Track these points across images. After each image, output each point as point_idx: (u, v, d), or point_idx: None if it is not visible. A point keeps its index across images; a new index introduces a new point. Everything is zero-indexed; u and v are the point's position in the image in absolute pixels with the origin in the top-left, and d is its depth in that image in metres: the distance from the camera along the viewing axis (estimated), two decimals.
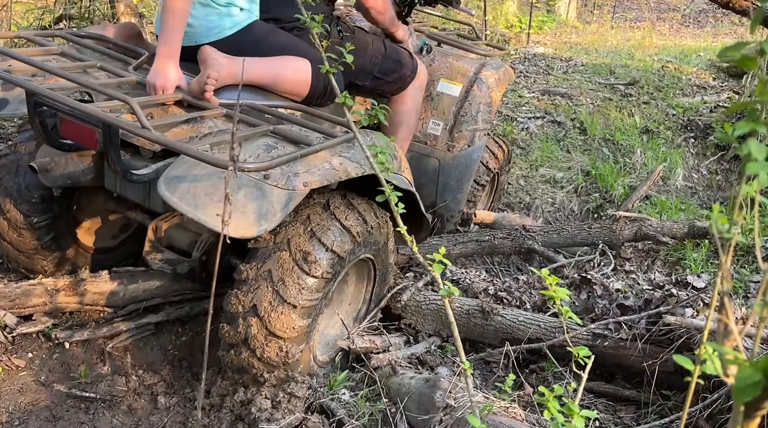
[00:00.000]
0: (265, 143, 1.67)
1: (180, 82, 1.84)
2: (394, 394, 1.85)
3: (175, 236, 1.99)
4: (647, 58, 6.90)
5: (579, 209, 3.93)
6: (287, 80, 1.97)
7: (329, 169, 1.68)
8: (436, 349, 2.22)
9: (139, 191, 1.96)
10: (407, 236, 1.00)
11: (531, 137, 4.66)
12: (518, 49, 7.25)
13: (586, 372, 0.92)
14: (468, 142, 2.61)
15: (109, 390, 1.99)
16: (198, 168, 1.57)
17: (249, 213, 1.53)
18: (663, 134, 4.91)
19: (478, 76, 2.66)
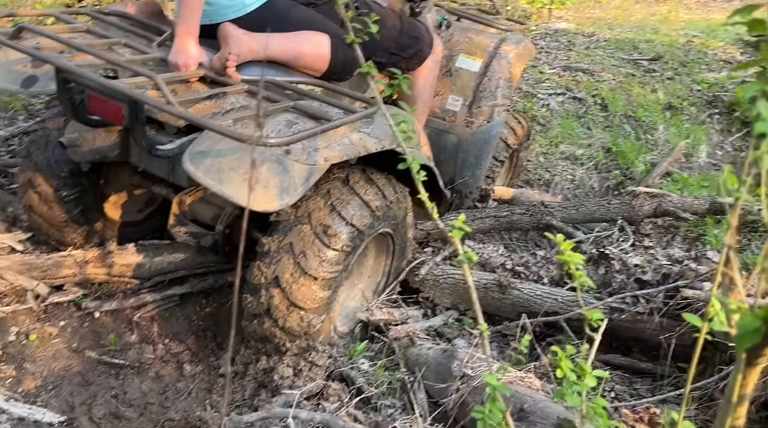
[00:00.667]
0: (287, 119, 1.70)
1: (201, 59, 1.88)
2: (412, 364, 1.89)
3: (199, 209, 2.03)
4: (672, 33, 6.74)
5: (599, 186, 3.91)
6: (306, 55, 1.99)
7: (349, 144, 1.71)
8: (453, 322, 2.25)
9: (164, 166, 2.01)
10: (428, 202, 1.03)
11: (551, 113, 4.62)
12: (539, 24, 7.14)
13: (599, 334, 0.94)
14: (487, 118, 2.59)
15: (138, 357, 2.06)
16: (222, 143, 1.60)
17: (271, 187, 1.57)
18: (687, 110, 4.83)
19: (498, 50, 2.64)
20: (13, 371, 1.96)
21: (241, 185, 1.54)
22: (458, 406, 1.65)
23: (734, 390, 0.44)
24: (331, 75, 2.06)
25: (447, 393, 1.71)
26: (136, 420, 1.87)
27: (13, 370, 1.96)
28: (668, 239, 3.01)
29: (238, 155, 1.58)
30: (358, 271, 2.12)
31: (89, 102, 1.76)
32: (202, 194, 2.06)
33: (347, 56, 2.02)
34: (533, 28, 6.86)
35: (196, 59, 1.86)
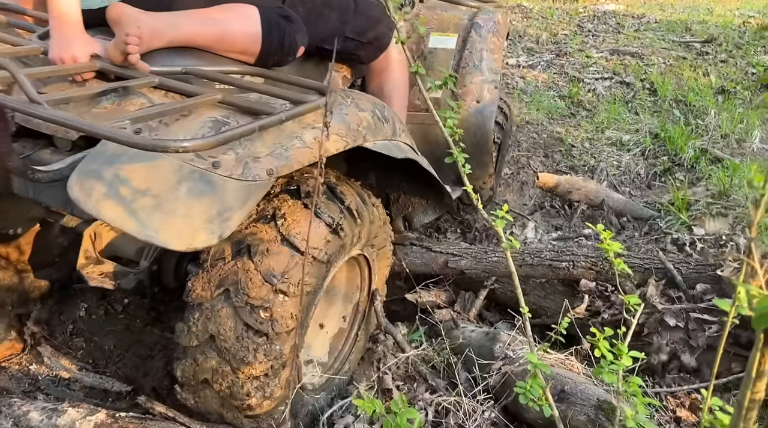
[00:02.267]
0: (213, 119, 1.27)
1: (94, 49, 1.45)
2: (455, 345, 1.96)
3: (118, 244, 1.63)
4: (727, 14, 6.53)
5: (645, 172, 3.86)
6: (232, 35, 1.53)
7: (301, 147, 1.28)
8: (495, 306, 2.31)
9: (58, 194, 1.40)
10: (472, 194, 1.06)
11: (597, 98, 4.57)
12: (587, 6, 7.00)
13: (636, 317, 0.99)
14: (476, 97, 2.26)
15: None
16: (124, 157, 1.18)
17: (195, 216, 1.15)
18: (740, 94, 4.69)
19: (474, 21, 2.35)
20: (84, 343, 2.12)
21: (151, 216, 1.13)
22: (499, 386, 1.71)
23: (753, 366, 0.49)
24: (268, 58, 1.61)
25: (489, 370, 1.77)
26: None
27: (84, 342, 2.12)
28: None
29: (147, 172, 1.17)
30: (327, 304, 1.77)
31: None
32: None
33: (284, 34, 1.60)
34: (580, 10, 6.73)
35: (86, 50, 1.43)
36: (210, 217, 1.15)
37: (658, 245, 2.82)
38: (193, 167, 1.18)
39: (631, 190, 3.67)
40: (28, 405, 1.54)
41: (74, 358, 2.05)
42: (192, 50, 1.52)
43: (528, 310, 1.03)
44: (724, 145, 4.20)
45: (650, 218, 3.12)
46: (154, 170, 1.16)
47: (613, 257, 0.96)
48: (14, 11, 1.72)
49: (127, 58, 1.40)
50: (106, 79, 1.44)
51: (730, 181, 3.40)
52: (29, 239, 1.93)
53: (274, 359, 1.38)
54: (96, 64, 1.42)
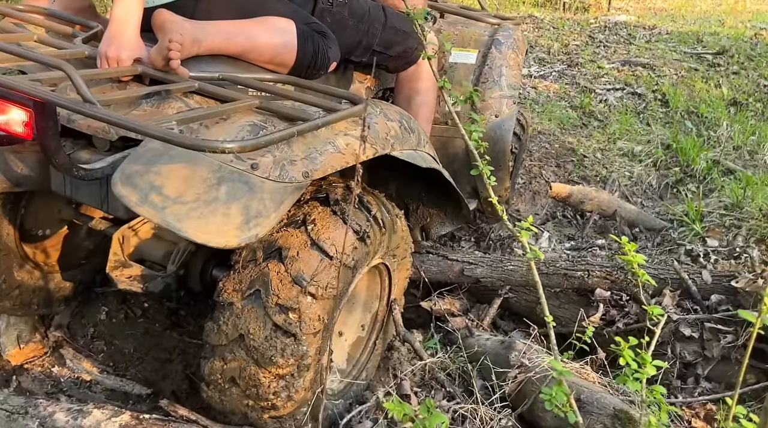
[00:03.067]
0: (251, 123, 1.33)
1: (140, 54, 1.51)
2: (470, 354, 1.98)
3: (146, 247, 1.65)
4: (739, 25, 6.54)
5: (657, 183, 3.87)
6: (269, 46, 1.60)
7: (334, 152, 1.34)
8: (509, 315, 2.33)
9: (95, 193, 1.51)
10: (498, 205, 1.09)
11: (609, 109, 4.59)
12: (598, 17, 7.03)
13: (659, 328, 1.01)
14: (495, 112, 2.30)
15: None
16: (164, 157, 1.24)
17: (233, 215, 1.20)
18: (753, 106, 4.70)
19: (494, 38, 2.40)
20: (105, 346, 2.16)
21: (192, 213, 1.18)
22: (515, 394, 1.73)
23: None
24: (301, 70, 1.67)
25: (504, 378, 1.79)
26: None
27: (105, 345, 2.16)
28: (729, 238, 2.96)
29: (188, 172, 1.21)
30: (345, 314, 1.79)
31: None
32: (150, 228, 1.67)
33: (318, 48, 1.66)
34: (591, 21, 6.77)
35: (133, 52, 1.48)
36: (248, 217, 1.20)
37: (671, 257, 2.83)
38: (232, 168, 1.22)
39: (643, 201, 3.68)
40: (54, 406, 1.57)
41: (95, 361, 2.08)
42: (228, 58, 1.57)
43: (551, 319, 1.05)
44: (736, 156, 4.20)
45: (663, 229, 3.13)
46: (195, 171, 1.21)
47: (637, 268, 0.99)
48: (59, 17, 1.79)
49: (168, 63, 1.44)
50: (143, 83, 1.50)
51: (743, 193, 3.40)
52: (56, 241, 1.96)
53: (300, 359, 1.41)
54: (137, 68, 1.48)
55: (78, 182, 1.46)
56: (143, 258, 1.65)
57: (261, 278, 1.39)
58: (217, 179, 1.21)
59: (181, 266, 1.63)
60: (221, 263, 1.59)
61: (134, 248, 1.64)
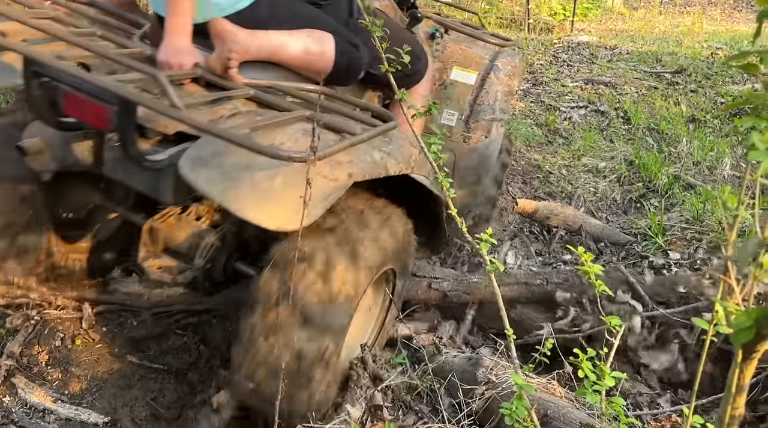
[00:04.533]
0: (302, 129, 1.51)
1: (197, 59, 1.66)
2: (438, 371, 1.96)
3: (173, 237, 1.78)
4: (696, 46, 6.77)
5: (621, 198, 3.94)
6: (310, 56, 1.78)
7: (371, 162, 1.53)
8: (478, 330, 2.32)
9: (146, 179, 1.66)
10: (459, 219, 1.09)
11: (573, 126, 4.68)
12: (561, 37, 7.21)
13: (617, 338, 1.01)
14: (485, 133, 2.46)
15: (175, 362, 2.16)
16: (227, 149, 1.38)
17: (287, 203, 1.34)
18: (710, 122, 4.84)
19: (495, 63, 2.53)
20: (60, 374, 2.07)
21: (249, 197, 1.32)
22: (483, 411, 1.71)
23: (733, 381, 0.51)
24: (336, 78, 1.87)
25: (472, 395, 1.77)
26: (174, 422, 1.97)
27: (60, 373, 2.07)
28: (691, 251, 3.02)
29: (246, 163, 1.36)
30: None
31: (65, 102, 1.49)
32: (175, 221, 1.80)
33: (352, 59, 1.84)
34: (555, 41, 6.93)
35: (191, 59, 1.64)
36: (298, 205, 1.29)
37: (635, 270, 2.87)
38: (289, 163, 1.33)
39: (607, 215, 3.74)
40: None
41: (50, 389, 2.00)
42: (273, 65, 1.76)
43: (511, 332, 1.04)
44: (696, 172, 4.31)
45: (627, 243, 3.17)
46: (254, 161, 1.33)
47: (594, 278, 0.99)
48: (105, 10, 1.92)
49: (227, 70, 1.63)
50: (198, 85, 1.66)
51: (703, 207, 3.48)
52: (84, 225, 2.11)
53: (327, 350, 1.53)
54: (197, 71, 1.64)
55: (130, 168, 1.62)
56: (169, 249, 1.77)
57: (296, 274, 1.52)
58: (274, 170, 1.35)
59: (207, 259, 1.73)
60: (243, 256, 1.75)
61: (162, 239, 1.76)
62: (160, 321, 2.30)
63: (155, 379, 2.10)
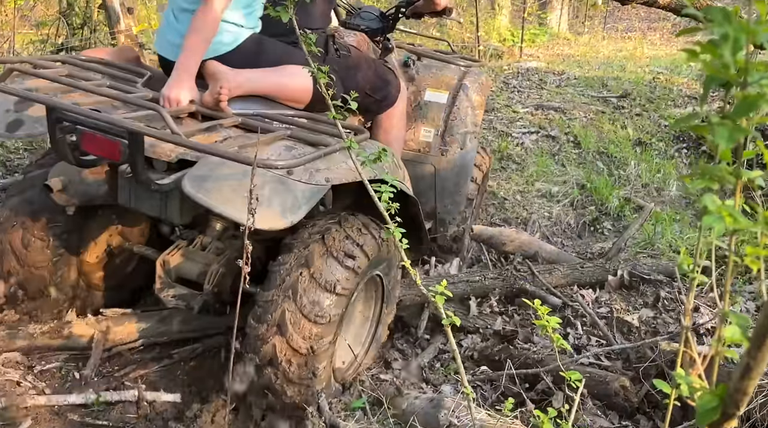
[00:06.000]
0: (285, 145, 1.78)
1: (194, 96, 1.93)
2: (400, 414, 1.90)
3: (183, 268, 2.03)
4: (638, 70, 7.01)
5: (575, 222, 3.99)
6: (291, 88, 2.06)
7: (347, 169, 1.76)
8: (439, 367, 2.28)
9: (155, 204, 1.96)
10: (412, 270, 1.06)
11: (526, 151, 4.74)
12: (511, 63, 7.36)
13: (578, 394, 0.98)
14: (460, 145, 2.73)
15: (121, 417, 2.04)
16: (221, 168, 1.62)
17: (275, 207, 1.60)
18: (656, 145, 4.99)
19: (462, 82, 2.80)
20: None
21: (243, 205, 1.51)
22: None
23: None
24: (314, 106, 2.11)
25: None
26: None
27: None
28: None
29: (239, 178, 1.59)
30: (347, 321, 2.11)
31: (83, 141, 1.74)
32: (184, 253, 2.06)
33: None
34: (505, 68, 7.07)
35: (189, 95, 1.90)
36: (285, 209, 1.59)
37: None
38: (273, 174, 1.61)
39: (562, 240, 3.78)
40: None
41: None
42: (258, 98, 2.02)
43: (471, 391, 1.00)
44: (645, 193, 4.42)
45: None
46: (245, 175, 1.50)
47: (551, 332, 0.96)
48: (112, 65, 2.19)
49: (218, 104, 1.89)
50: (195, 118, 1.91)
51: (653, 229, 3.56)
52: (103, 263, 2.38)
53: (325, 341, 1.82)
54: (192, 107, 1.90)
55: (141, 195, 1.92)
56: (181, 278, 2.00)
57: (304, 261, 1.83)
58: (262, 181, 1.57)
59: (215, 285, 1.97)
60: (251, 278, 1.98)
61: (174, 271, 2.01)
62: (106, 376, 2.17)
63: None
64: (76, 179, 1.98)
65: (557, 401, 1.94)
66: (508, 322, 2.50)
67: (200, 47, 1.91)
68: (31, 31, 5.41)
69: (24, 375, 2.12)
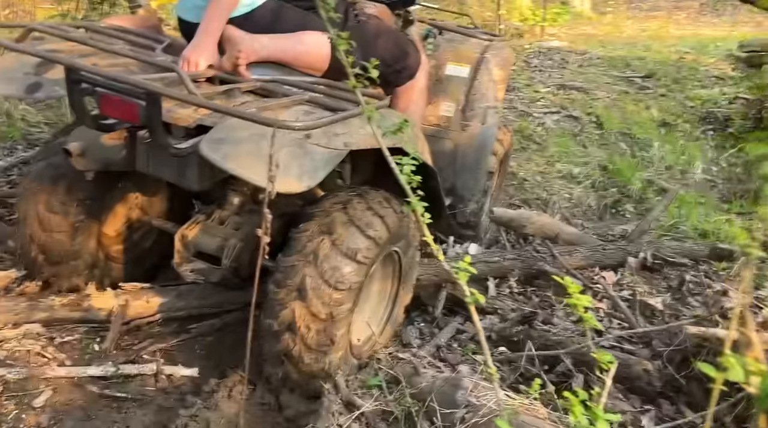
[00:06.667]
0: (303, 109, 1.76)
1: (213, 60, 1.91)
2: (416, 394, 1.88)
3: (202, 242, 2.04)
4: (664, 50, 6.84)
5: (596, 204, 3.93)
6: (308, 55, 2.02)
7: (365, 134, 1.73)
8: (456, 345, 2.26)
9: (173, 170, 1.94)
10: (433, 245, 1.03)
11: (547, 132, 4.66)
12: (532, 43, 7.22)
13: (610, 377, 0.95)
14: (481, 120, 2.70)
15: (140, 389, 2.04)
16: (239, 131, 1.60)
17: (293, 171, 1.57)
18: (681, 126, 4.88)
19: (484, 56, 2.76)
20: (14, 406, 1.94)
21: (261, 168, 1.50)
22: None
23: None
24: (331, 74, 2.08)
25: (452, 420, 1.70)
26: None
27: (14, 405, 1.94)
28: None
29: (257, 140, 1.57)
30: (365, 297, 2.10)
31: (101, 103, 1.73)
32: (203, 226, 2.05)
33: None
34: (527, 46, 6.94)
35: (209, 59, 1.89)
36: (302, 172, 1.57)
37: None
38: (291, 137, 1.57)
39: (583, 222, 3.72)
40: None
41: (3, 424, 1.87)
42: (275, 64, 2.00)
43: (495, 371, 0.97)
44: (669, 176, 4.33)
45: None
46: (263, 138, 1.50)
47: (582, 311, 0.92)
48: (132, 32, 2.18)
49: (236, 68, 1.88)
50: (213, 83, 1.89)
51: (678, 212, 3.48)
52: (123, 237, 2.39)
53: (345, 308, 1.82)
54: (211, 72, 1.89)
55: (159, 161, 1.90)
56: (200, 252, 1.99)
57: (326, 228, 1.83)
58: (280, 144, 1.51)
59: (233, 259, 1.96)
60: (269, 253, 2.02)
61: (192, 244, 2.01)
62: (124, 349, 2.18)
63: (118, 409, 1.99)
64: (95, 144, 1.95)
65: (577, 383, 1.91)
66: (526, 303, 2.48)
67: (223, 13, 1.89)
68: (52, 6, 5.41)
69: (45, 347, 2.13)
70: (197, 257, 2.02)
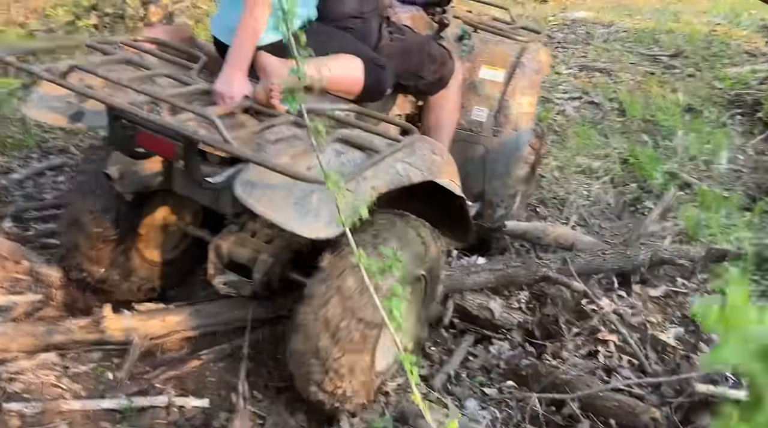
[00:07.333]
0: (335, 150, 1.78)
1: (247, 91, 1.93)
2: None
3: (234, 253, 2.08)
4: (694, 20, 6.53)
5: (615, 201, 3.82)
6: (341, 80, 2.05)
7: (395, 174, 1.78)
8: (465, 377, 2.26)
9: (209, 195, 2.04)
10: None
11: (567, 121, 4.52)
12: (557, 13, 6.94)
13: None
14: (514, 126, 2.64)
15: (151, 423, 2.09)
16: (272, 173, 1.65)
17: (322, 216, 1.63)
18: (707, 111, 4.69)
19: (520, 60, 2.68)
20: None
21: (292, 213, 1.61)
22: None
23: None
24: (364, 97, 2.13)
25: None
26: None
27: None
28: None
29: (289, 186, 1.64)
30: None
31: (140, 138, 1.82)
32: (236, 238, 2.09)
33: (379, 79, 2.12)
34: (551, 18, 6.68)
35: (242, 91, 1.91)
36: (331, 218, 1.58)
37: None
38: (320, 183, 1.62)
39: (600, 222, 3.62)
40: None
41: None
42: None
43: None
44: (692, 167, 4.18)
45: None
46: (295, 183, 1.60)
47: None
48: (167, 45, 2.21)
49: (270, 101, 1.87)
50: (247, 112, 1.92)
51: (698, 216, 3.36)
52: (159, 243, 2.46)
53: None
54: (246, 103, 1.91)
55: (194, 187, 1.96)
56: (232, 262, 2.04)
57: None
58: (311, 189, 1.62)
59: (264, 273, 2.00)
60: (295, 267, 2.03)
61: (225, 255, 2.05)
62: (137, 378, 2.22)
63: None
64: (134, 167, 2.05)
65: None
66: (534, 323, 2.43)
67: (248, 44, 1.91)
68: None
69: (59, 377, 2.18)
70: (228, 267, 2.06)
